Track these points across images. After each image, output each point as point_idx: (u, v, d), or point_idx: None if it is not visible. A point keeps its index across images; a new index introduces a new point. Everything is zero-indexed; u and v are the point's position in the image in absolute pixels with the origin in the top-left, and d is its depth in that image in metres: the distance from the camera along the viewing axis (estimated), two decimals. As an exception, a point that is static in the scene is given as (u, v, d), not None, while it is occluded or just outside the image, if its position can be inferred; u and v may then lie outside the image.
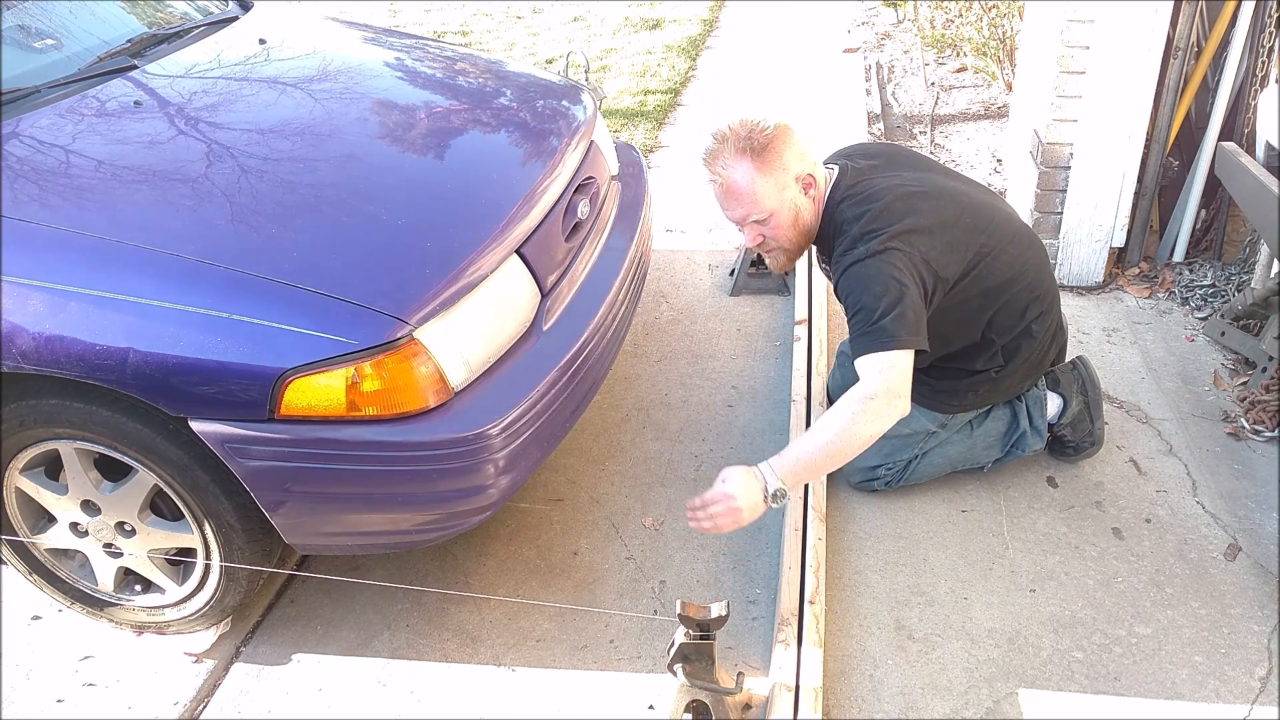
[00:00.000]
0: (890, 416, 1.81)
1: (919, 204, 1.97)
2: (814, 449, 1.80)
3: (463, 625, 2.06)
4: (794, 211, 2.02)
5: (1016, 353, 2.15)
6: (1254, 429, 2.46)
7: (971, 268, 2.01)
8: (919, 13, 5.94)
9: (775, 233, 2.03)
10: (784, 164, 1.97)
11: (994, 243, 2.05)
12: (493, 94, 2.59)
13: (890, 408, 1.80)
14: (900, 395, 1.82)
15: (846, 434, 1.78)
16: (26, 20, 2.29)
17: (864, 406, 1.79)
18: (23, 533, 1.97)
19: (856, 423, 1.78)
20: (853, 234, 1.95)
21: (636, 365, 2.91)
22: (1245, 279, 2.96)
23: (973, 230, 2.02)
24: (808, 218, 2.05)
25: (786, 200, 2.00)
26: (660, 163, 4.43)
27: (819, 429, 1.81)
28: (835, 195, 2.05)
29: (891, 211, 1.95)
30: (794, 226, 2.03)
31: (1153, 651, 1.90)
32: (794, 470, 1.80)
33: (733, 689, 1.72)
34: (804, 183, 2.02)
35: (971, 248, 2.01)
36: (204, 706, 1.92)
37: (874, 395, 1.80)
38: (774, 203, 1.99)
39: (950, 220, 1.99)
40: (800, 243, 2.08)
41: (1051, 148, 3.00)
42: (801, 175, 2.01)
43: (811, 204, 2.04)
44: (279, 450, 1.68)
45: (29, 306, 1.64)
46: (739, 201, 1.99)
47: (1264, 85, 2.85)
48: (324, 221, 1.87)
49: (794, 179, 2.00)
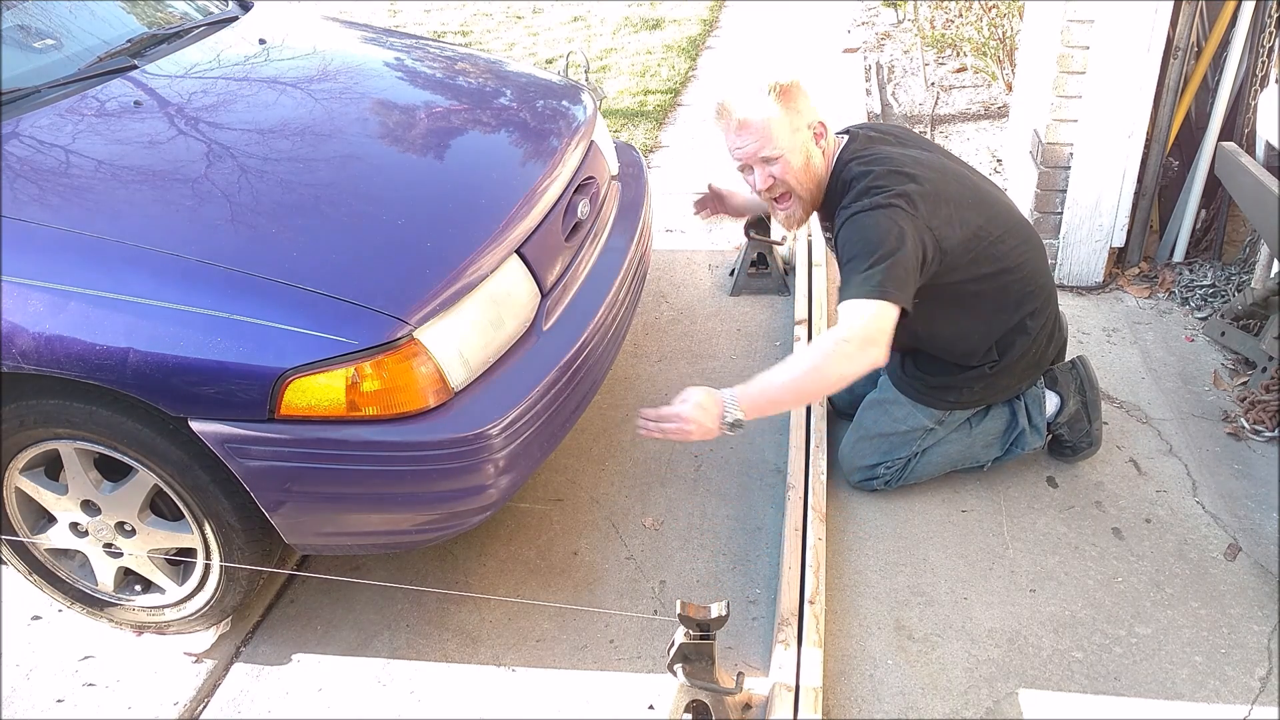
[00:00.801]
0: (861, 362, 1.82)
1: (926, 173, 2.00)
2: (780, 383, 1.83)
3: (463, 625, 2.06)
4: (805, 155, 2.03)
5: (1011, 348, 2.15)
6: (1254, 429, 2.46)
7: (969, 249, 2.02)
8: (919, 13, 5.94)
9: (785, 174, 2.03)
10: (799, 108, 2.01)
11: (993, 229, 2.06)
12: (493, 94, 2.59)
13: (862, 354, 1.82)
14: (875, 344, 1.83)
15: (813, 371, 1.82)
16: (26, 20, 2.29)
17: (837, 348, 1.82)
18: (23, 533, 1.97)
19: (827, 362, 1.82)
20: (858, 189, 1.98)
21: (636, 365, 2.91)
22: (1245, 279, 2.96)
23: (974, 211, 2.04)
24: (818, 166, 2.07)
25: (799, 143, 2.02)
26: (660, 163, 4.43)
27: (788, 364, 1.86)
28: (845, 156, 2.08)
29: (900, 173, 1.97)
30: (805, 170, 2.04)
31: (1153, 651, 1.90)
32: (756, 401, 1.83)
33: (733, 689, 1.72)
34: (815, 131, 2.05)
35: (970, 227, 2.02)
36: (204, 706, 1.92)
37: (848, 339, 1.83)
38: (786, 141, 2.00)
39: (954, 196, 2.01)
40: (813, 191, 2.08)
41: (1051, 148, 3.00)
42: (814, 123, 2.04)
43: (822, 155, 2.07)
44: (279, 450, 1.68)
45: (29, 306, 1.64)
46: (752, 134, 2.00)
47: (1264, 85, 2.85)
48: (324, 221, 1.87)
49: (806, 124, 2.03)
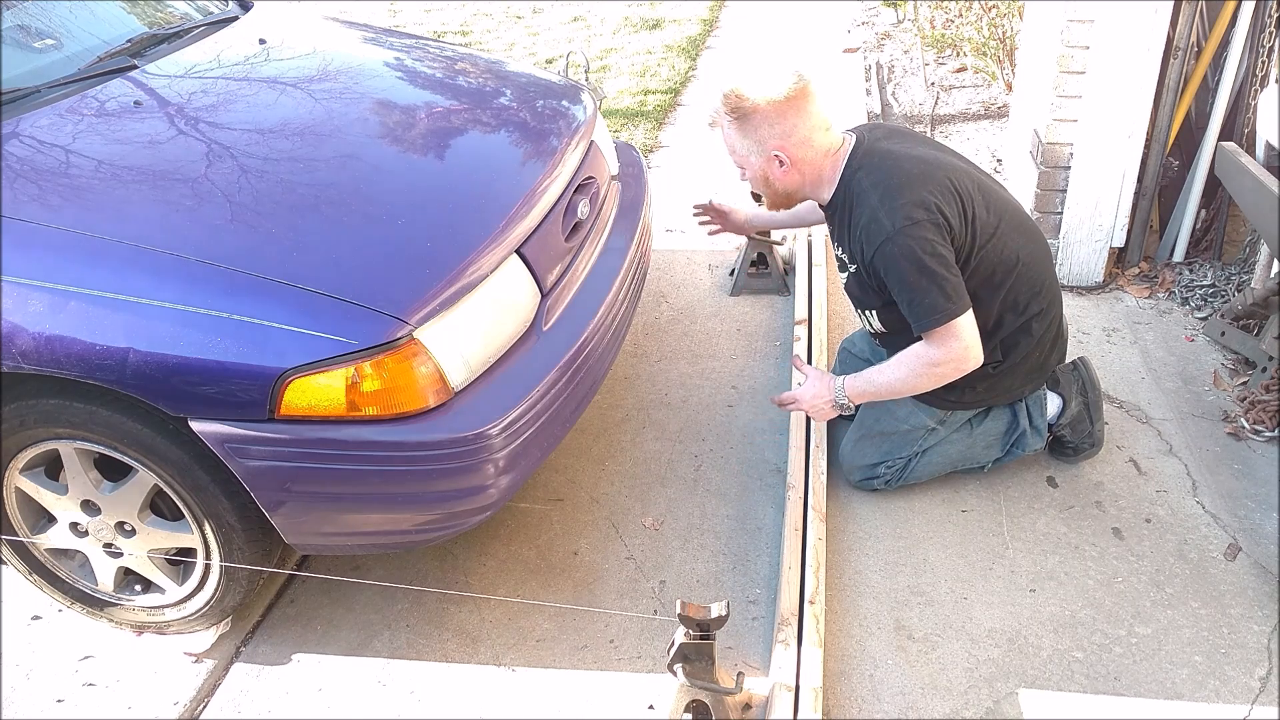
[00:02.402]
0: (954, 377, 2.05)
1: (935, 172, 2.01)
2: (879, 386, 2.13)
3: (463, 625, 2.06)
4: (764, 175, 2.13)
5: (1014, 349, 2.15)
6: (1254, 429, 2.46)
7: (979, 246, 2.03)
8: (919, 13, 5.94)
9: (754, 182, 2.18)
10: (758, 135, 2.06)
11: (1001, 226, 2.07)
12: (492, 94, 2.59)
13: (957, 371, 2.03)
14: (966, 359, 2.01)
15: (908, 385, 2.09)
16: (26, 20, 2.29)
17: (929, 370, 2.04)
18: (23, 533, 1.97)
19: (920, 380, 2.06)
20: (872, 203, 1.99)
21: (636, 365, 2.91)
22: (1245, 279, 2.96)
23: (984, 209, 2.05)
24: (779, 185, 2.14)
25: (757, 164, 2.11)
26: (660, 163, 4.43)
27: (890, 369, 2.10)
28: (852, 163, 2.08)
29: (909, 178, 1.99)
30: (767, 185, 2.16)
31: (1153, 651, 1.90)
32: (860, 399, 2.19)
33: (733, 689, 1.72)
34: (774, 157, 2.07)
35: (982, 224, 2.03)
36: (204, 706, 1.92)
37: (937, 363, 2.02)
38: (746, 162, 2.13)
39: (965, 192, 2.02)
40: (777, 201, 2.20)
41: (1051, 148, 3.00)
42: (770, 152, 2.07)
43: (785, 174, 2.10)
44: (279, 450, 1.68)
45: (29, 306, 1.64)
46: (727, 147, 2.15)
47: (1264, 85, 2.85)
48: (324, 221, 1.87)
49: (760, 151, 2.08)
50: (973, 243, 2.02)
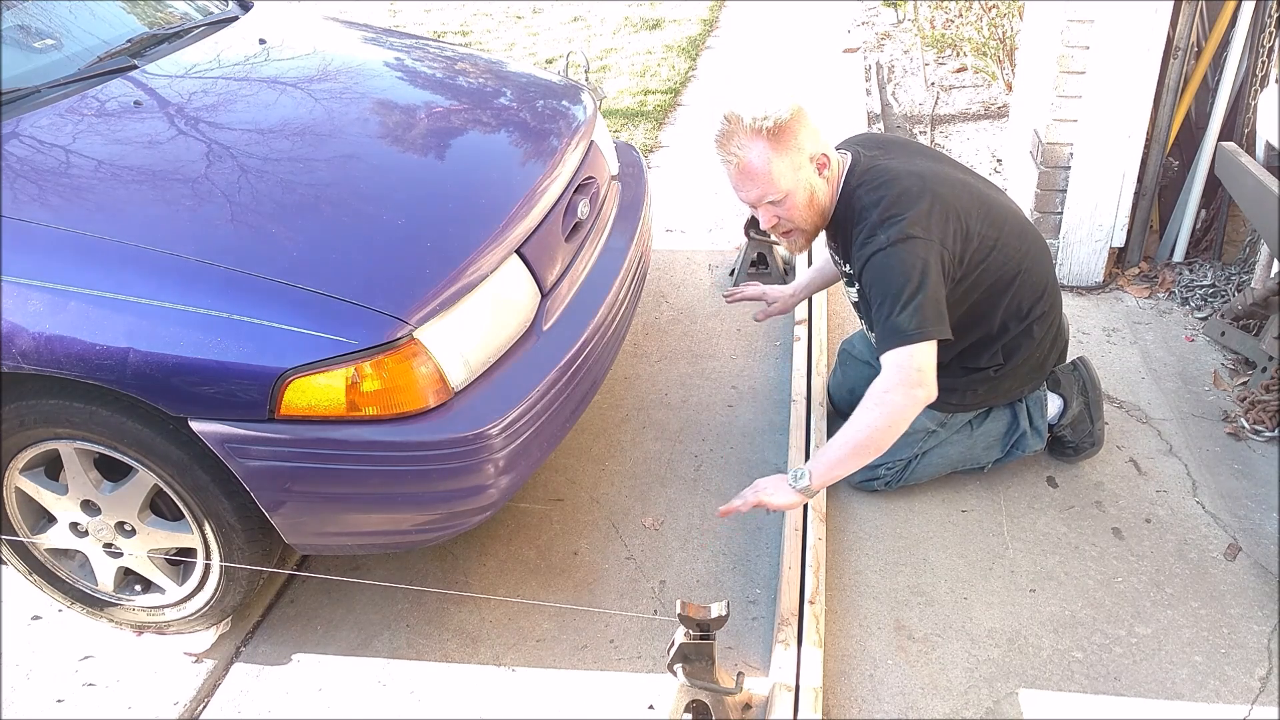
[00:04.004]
0: (908, 408, 1.86)
1: (936, 188, 1.97)
2: (838, 453, 1.88)
3: (463, 625, 2.06)
4: (809, 191, 2.01)
5: (1016, 351, 2.15)
6: (1254, 429, 2.46)
7: (981, 260, 2.02)
8: (919, 13, 5.94)
9: (791, 213, 2.02)
10: (799, 144, 1.96)
11: (1002, 237, 2.05)
12: (492, 94, 2.59)
13: (907, 400, 1.85)
14: (918, 385, 1.85)
15: (864, 433, 1.86)
16: (26, 20, 2.29)
17: (879, 401, 1.86)
18: (23, 533, 1.97)
19: (875, 417, 1.85)
20: (871, 220, 1.95)
21: (636, 365, 2.91)
22: (1245, 279, 2.96)
23: (984, 222, 2.02)
24: (823, 198, 2.05)
25: (802, 180, 1.99)
26: (660, 163, 4.43)
27: (845, 431, 1.88)
28: (851, 180, 2.04)
29: (909, 196, 1.95)
30: (809, 207, 2.03)
31: (1153, 651, 1.90)
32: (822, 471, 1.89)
33: (733, 689, 1.72)
34: (818, 163, 2.01)
35: (977, 236, 2.01)
36: (204, 706, 1.92)
37: (888, 389, 1.85)
38: (789, 183, 1.98)
39: (960, 207, 1.99)
40: (816, 223, 2.08)
41: (1051, 148, 3.00)
42: (816, 155, 2.00)
43: (826, 185, 2.04)
44: (279, 450, 1.68)
45: (29, 306, 1.64)
46: (754, 182, 1.98)
47: (1264, 85, 2.85)
48: (324, 221, 1.87)
49: (808, 159, 1.99)
50: (973, 258, 2.00)
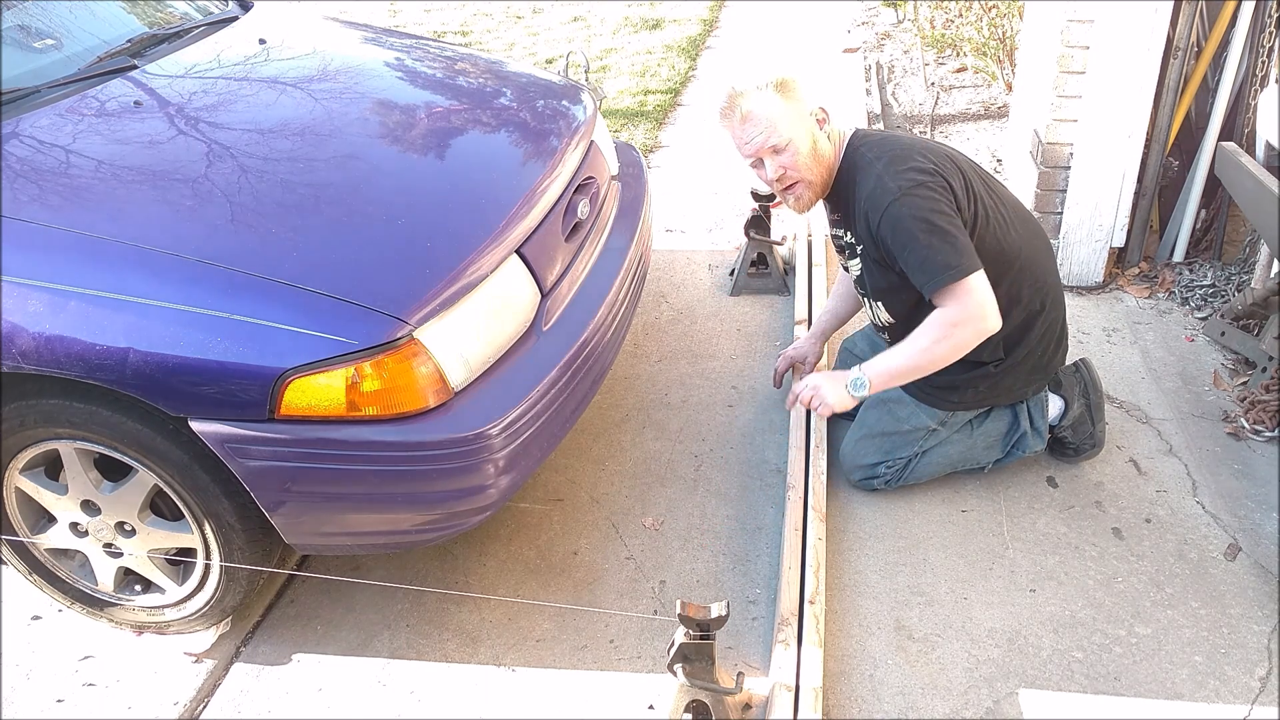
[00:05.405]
0: (974, 342, 1.96)
1: (937, 147, 2.08)
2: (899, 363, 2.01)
3: (463, 625, 2.06)
4: (812, 141, 2.07)
5: (1016, 346, 2.15)
6: (1254, 429, 2.46)
7: (980, 226, 2.05)
8: (919, 13, 5.94)
9: (794, 161, 2.06)
10: (799, 96, 2.05)
11: (1003, 214, 2.10)
12: (493, 94, 2.59)
13: (975, 336, 1.95)
14: (984, 317, 1.93)
15: (928, 355, 1.97)
16: (26, 20, 2.29)
17: (948, 333, 1.95)
18: (23, 533, 1.97)
19: (940, 347, 1.96)
20: (877, 171, 2.01)
21: (636, 365, 2.91)
22: (1245, 279, 2.96)
23: (984, 190, 2.09)
24: (826, 153, 2.10)
25: (805, 129, 2.06)
26: (660, 163, 4.43)
27: (908, 343, 1.99)
28: (854, 142, 2.12)
29: (915, 148, 2.04)
30: (813, 156, 2.08)
31: (1153, 651, 1.90)
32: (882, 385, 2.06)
33: (733, 689, 1.72)
34: (818, 117, 2.09)
35: (981, 200, 2.06)
36: (204, 706, 1.92)
37: (957, 323, 1.94)
38: (792, 129, 2.03)
39: (965, 170, 2.08)
40: (824, 177, 2.12)
41: (1051, 148, 3.00)
42: (815, 109, 2.09)
43: (829, 142, 2.11)
44: (279, 450, 1.68)
45: (29, 306, 1.64)
46: (757, 126, 2.03)
47: (1264, 85, 2.85)
48: (324, 221, 1.87)
49: (809, 111, 2.07)
50: (974, 219, 2.04)
